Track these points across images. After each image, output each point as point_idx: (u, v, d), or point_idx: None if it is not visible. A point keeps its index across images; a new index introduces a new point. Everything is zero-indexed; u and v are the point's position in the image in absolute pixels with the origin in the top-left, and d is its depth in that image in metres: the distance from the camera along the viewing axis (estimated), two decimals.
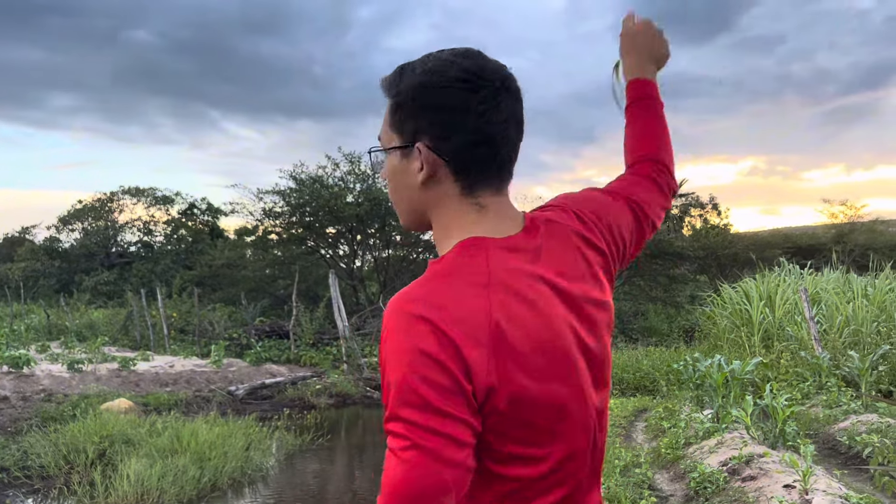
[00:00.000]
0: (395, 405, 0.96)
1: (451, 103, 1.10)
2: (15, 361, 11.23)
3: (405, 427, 0.95)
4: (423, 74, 1.11)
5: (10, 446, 7.74)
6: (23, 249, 32.89)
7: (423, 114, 1.11)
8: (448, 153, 1.11)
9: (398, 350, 0.98)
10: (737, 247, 24.85)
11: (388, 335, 1.00)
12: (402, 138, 1.13)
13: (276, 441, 8.79)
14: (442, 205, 1.14)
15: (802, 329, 10.50)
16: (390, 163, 1.17)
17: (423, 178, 1.12)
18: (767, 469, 4.72)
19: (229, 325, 18.63)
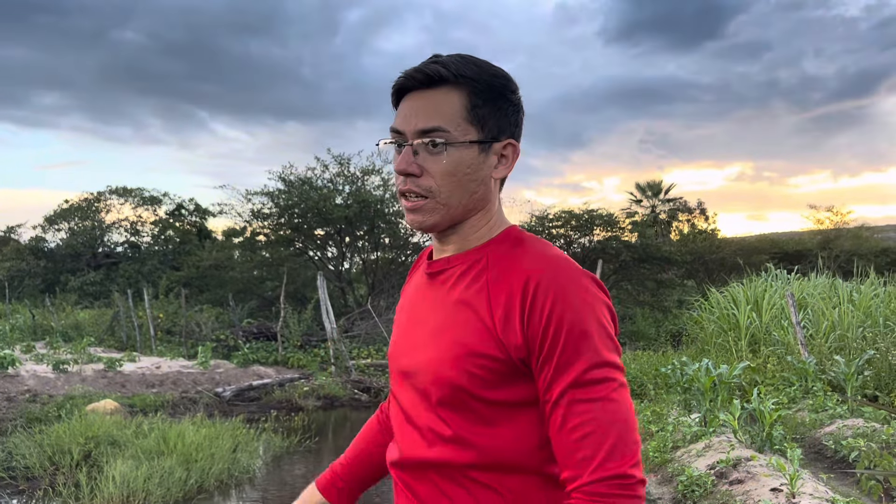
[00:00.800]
0: (597, 351, 1.06)
1: (522, 111, 1.23)
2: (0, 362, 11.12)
3: (612, 370, 1.07)
4: (495, 75, 1.18)
5: None
6: (8, 249, 32.60)
7: (508, 113, 1.19)
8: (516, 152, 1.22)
9: (589, 304, 1.08)
10: (724, 252, 25.01)
11: (567, 297, 1.07)
12: (482, 133, 1.17)
13: (264, 443, 8.74)
14: (493, 199, 1.22)
15: (789, 334, 10.58)
16: (462, 155, 1.16)
17: (506, 173, 1.21)
18: (755, 472, 4.75)
19: (216, 326, 18.53)
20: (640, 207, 34.90)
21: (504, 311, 1.11)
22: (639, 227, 23.98)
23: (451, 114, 1.15)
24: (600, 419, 1.04)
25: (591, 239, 20.72)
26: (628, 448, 1.04)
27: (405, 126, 1.18)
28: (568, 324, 1.06)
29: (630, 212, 31.66)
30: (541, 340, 1.07)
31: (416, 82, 1.17)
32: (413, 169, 1.16)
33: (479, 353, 1.12)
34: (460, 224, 1.21)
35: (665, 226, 33.60)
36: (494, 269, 1.16)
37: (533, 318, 1.08)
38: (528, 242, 1.18)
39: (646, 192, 35.63)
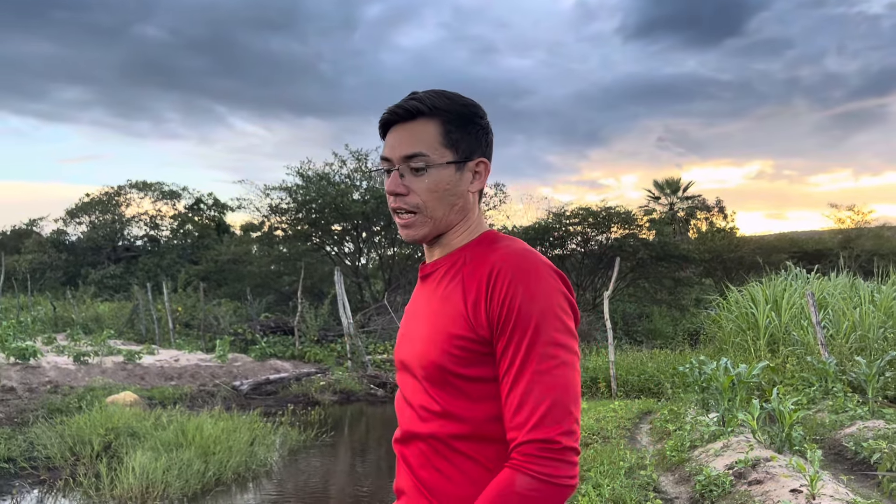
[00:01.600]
0: (545, 331, 1.22)
1: (487, 129, 1.43)
2: (22, 353, 11.27)
3: (558, 349, 1.22)
4: (464, 105, 1.40)
5: (17, 437, 7.77)
6: (30, 242, 32.99)
7: (478, 136, 1.40)
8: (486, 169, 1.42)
9: (542, 290, 1.25)
10: (743, 250, 24.77)
11: (522, 279, 1.25)
12: (457, 154, 1.38)
13: (280, 437, 8.80)
14: (471, 209, 1.43)
15: (809, 334, 10.48)
16: (441, 174, 1.37)
17: (480, 187, 1.42)
18: (774, 473, 4.71)
19: (234, 320, 18.67)
20: (658, 205, 34.67)
21: (474, 297, 1.29)
22: (656, 225, 23.79)
23: (429, 140, 1.36)
24: (538, 389, 1.20)
25: (609, 236, 20.58)
26: (562, 417, 1.19)
27: (392, 154, 1.39)
28: (520, 305, 1.23)
29: (648, 209, 31.45)
30: (497, 318, 1.25)
31: (398, 117, 1.39)
32: (401, 189, 1.38)
33: (455, 336, 1.29)
34: (445, 234, 1.41)
35: (683, 224, 33.35)
36: (470, 265, 1.35)
37: (493, 300, 1.26)
38: (500, 241, 1.37)
39: (664, 190, 35.38)
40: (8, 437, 7.75)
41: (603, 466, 5.81)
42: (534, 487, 1.17)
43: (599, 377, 11.53)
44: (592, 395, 11.14)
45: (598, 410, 8.86)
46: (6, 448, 7.34)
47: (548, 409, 1.19)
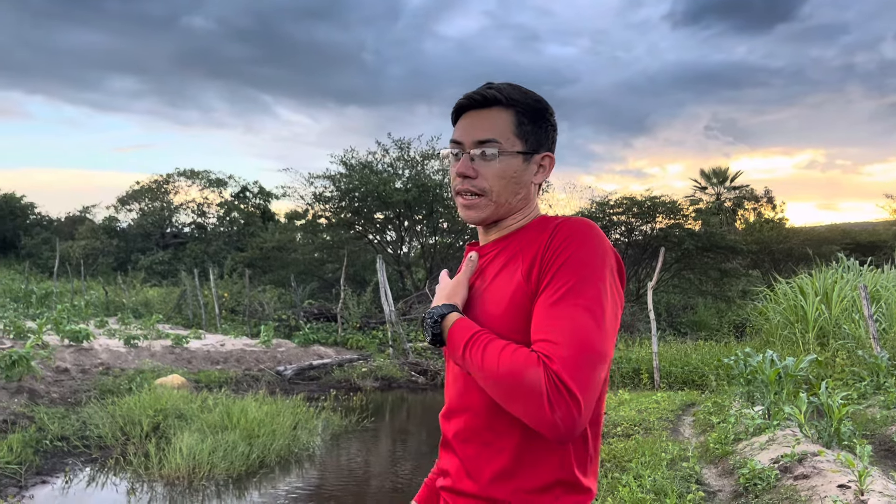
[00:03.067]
0: (586, 290, 1.25)
1: (554, 125, 1.49)
2: (75, 335, 11.63)
3: (597, 306, 1.24)
4: (537, 100, 1.45)
5: (70, 416, 8.03)
6: (83, 228, 33.96)
7: (547, 130, 1.46)
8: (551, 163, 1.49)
9: (593, 255, 1.28)
10: (792, 242, 24.17)
11: (580, 240, 1.30)
12: (525, 145, 1.43)
13: (323, 421, 8.92)
14: (533, 199, 1.50)
15: (860, 327, 10.19)
16: (510, 162, 1.43)
17: (542, 178, 1.48)
18: (821, 468, 4.60)
19: (278, 306, 18.95)
20: (704, 195, 34.05)
21: (529, 263, 1.34)
22: (703, 215, 23.37)
23: (502, 129, 1.42)
24: (569, 332, 1.20)
25: (653, 226, 20.29)
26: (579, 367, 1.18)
27: (464, 138, 1.44)
28: (571, 255, 1.28)
29: (694, 199, 30.92)
30: (549, 264, 1.30)
31: (475, 102, 1.45)
32: (470, 172, 1.43)
33: (514, 305, 1.33)
34: (503, 219, 1.48)
35: (730, 214, 32.71)
36: (526, 239, 1.41)
37: (549, 250, 1.31)
38: (557, 217, 1.43)
39: (711, 180, 34.73)
40: (62, 416, 8.02)
41: (644, 457, 5.76)
42: (537, 386, 1.17)
43: (642, 368, 11.40)
44: (635, 386, 11.03)
45: (641, 402, 8.77)
46: (60, 427, 7.59)
47: (571, 356, 1.18)
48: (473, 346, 1.29)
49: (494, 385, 1.24)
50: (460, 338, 1.33)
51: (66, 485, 6.28)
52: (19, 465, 6.37)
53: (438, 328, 1.39)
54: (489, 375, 1.25)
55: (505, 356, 1.23)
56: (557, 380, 1.16)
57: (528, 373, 1.18)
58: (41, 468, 6.56)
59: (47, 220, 37.95)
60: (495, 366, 1.23)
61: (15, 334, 11.87)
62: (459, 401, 1.43)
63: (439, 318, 1.39)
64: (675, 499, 4.52)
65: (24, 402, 8.40)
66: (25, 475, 6.26)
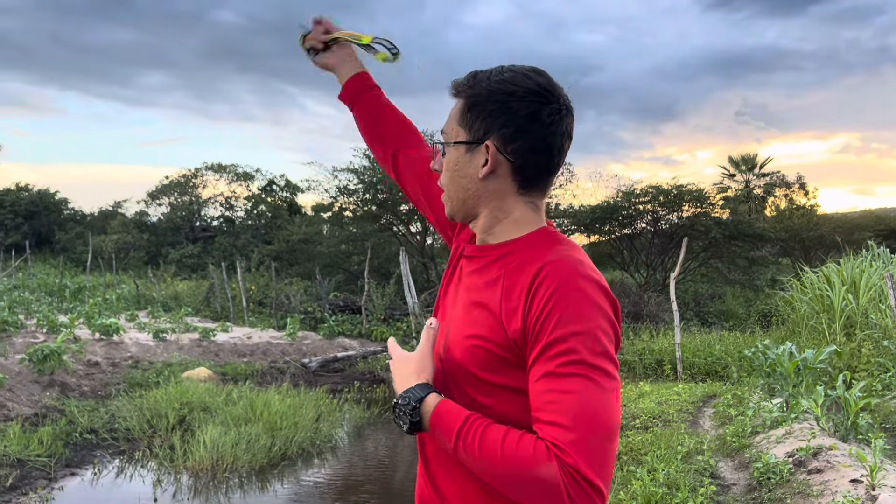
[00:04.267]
0: (578, 352, 1.10)
1: (523, 111, 1.24)
2: (106, 329, 11.90)
3: (593, 371, 1.10)
4: (499, 82, 1.26)
5: (100, 409, 8.25)
6: (115, 222, 34.58)
7: (496, 117, 1.25)
8: (512, 154, 1.26)
9: (583, 306, 1.14)
10: (823, 229, 23.76)
11: (568, 293, 1.14)
12: (469, 135, 1.28)
13: (346, 413, 9.05)
14: (498, 199, 1.29)
15: (887, 317, 10.03)
16: (452, 155, 1.31)
17: (486, 172, 1.27)
18: (835, 462, 4.58)
19: (304, 298, 19.16)
20: (733, 182, 33.61)
21: (512, 303, 1.20)
22: (730, 203, 23.08)
23: (452, 119, 1.33)
24: (569, 412, 1.08)
25: (680, 215, 20.11)
26: (594, 452, 1.07)
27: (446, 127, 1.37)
28: (559, 319, 1.12)
29: (722, 187, 30.53)
30: (533, 328, 1.15)
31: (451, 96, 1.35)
32: (436, 166, 1.39)
33: (483, 338, 1.22)
34: (474, 219, 1.35)
35: (759, 201, 32.25)
36: (515, 264, 1.25)
37: (532, 308, 1.16)
38: (554, 245, 1.25)
39: (739, 167, 34.26)
40: (92, 409, 8.24)
41: (660, 450, 5.77)
42: (555, 483, 1.05)
43: (665, 359, 11.35)
44: (657, 377, 11.00)
45: (662, 393, 8.75)
46: (90, 420, 7.81)
47: (583, 439, 1.06)
48: (467, 434, 1.15)
49: (499, 480, 1.12)
50: (449, 426, 1.17)
51: (94, 477, 6.48)
52: (49, 458, 6.57)
53: (417, 415, 1.21)
54: (491, 470, 1.13)
55: (508, 448, 1.10)
56: (576, 473, 1.05)
57: (540, 469, 1.06)
58: (70, 460, 6.77)
59: (80, 214, 38.69)
60: (498, 459, 1.11)
61: (48, 328, 12.18)
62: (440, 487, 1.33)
63: (417, 404, 1.21)
64: (686, 493, 4.53)
65: (56, 395, 8.65)
66: (55, 467, 6.46)
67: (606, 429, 1.08)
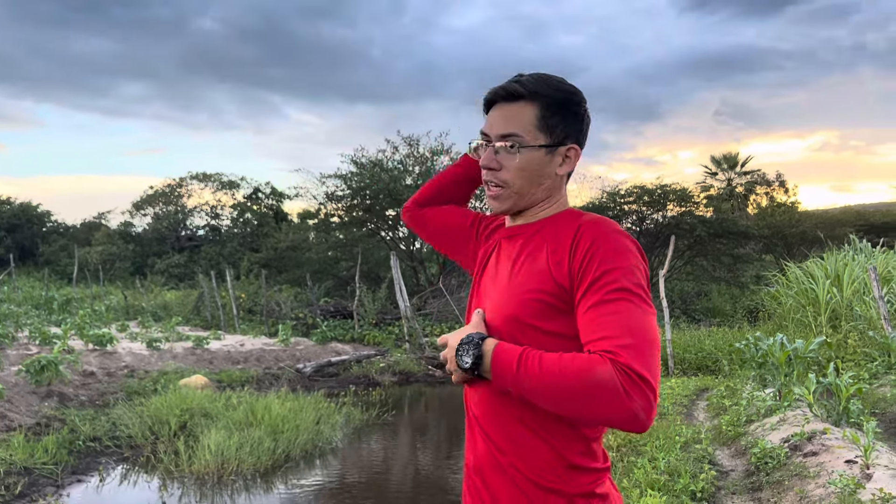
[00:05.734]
0: (621, 281, 1.28)
1: (586, 119, 1.51)
2: (99, 339, 11.90)
3: (634, 297, 1.27)
4: (566, 91, 1.47)
5: (100, 418, 8.28)
6: (99, 234, 34.39)
7: (573, 123, 1.48)
8: (578, 154, 1.50)
9: (620, 249, 1.33)
10: (805, 225, 24.16)
11: (606, 240, 1.33)
12: (550, 138, 1.46)
13: (344, 416, 9.13)
14: (559, 189, 1.52)
15: (871, 308, 10.28)
16: (531, 156, 1.46)
17: (566, 171, 1.50)
18: (829, 445, 4.75)
19: (295, 305, 19.19)
20: (715, 181, 34.02)
21: (558, 255, 1.38)
22: (714, 202, 23.41)
23: (525, 123, 1.45)
24: (619, 328, 1.23)
25: (665, 214, 20.39)
26: (645, 357, 1.20)
27: (490, 131, 1.49)
28: (601, 259, 1.31)
29: (705, 186, 30.91)
30: (579, 269, 1.33)
31: (499, 97, 1.49)
32: (493, 164, 1.48)
33: (533, 289, 1.38)
34: (528, 209, 1.52)
35: (742, 199, 32.67)
36: (554, 231, 1.45)
37: (576, 254, 1.35)
38: (586, 214, 1.46)
39: (721, 165, 34.68)
40: (92, 417, 8.27)
41: (659, 441, 5.92)
42: (611, 380, 1.17)
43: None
44: None
45: None
46: (91, 428, 7.84)
47: (632, 344, 1.20)
48: (527, 360, 1.27)
49: (561, 394, 1.22)
50: (509, 357, 1.29)
51: (101, 483, 6.52)
52: (55, 466, 6.61)
53: (480, 351, 1.34)
54: (553, 386, 1.22)
55: (566, 363, 1.22)
56: (628, 370, 1.17)
57: (597, 371, 1.18)
58: (76, 468, 6.81)
59: (64, 227, 38.42)
60: (558, 374, 1.22)
61: (41, 340, 12.16)
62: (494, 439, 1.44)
63: (480, 340, 1.35)
64: (688, 479, 4.68)
65: (55, 405, 8.66)
66: (62, 475, 6.50)
67: (651, 339, 1.23)
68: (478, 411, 1.48)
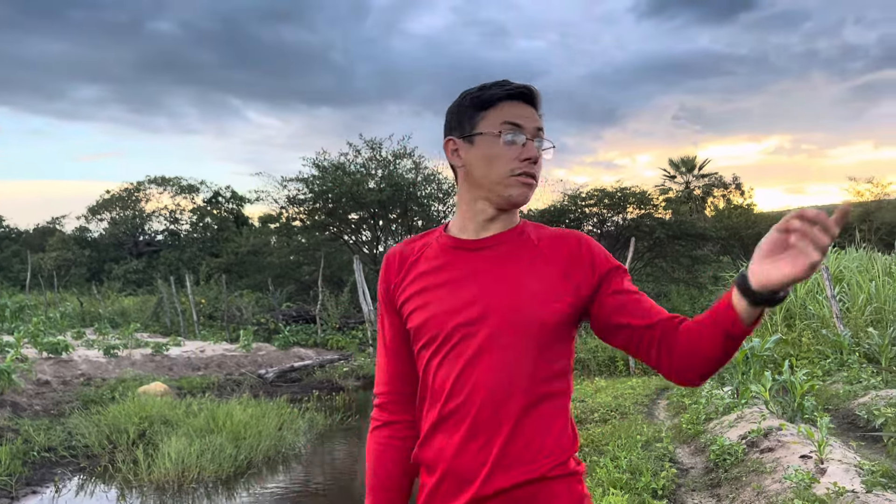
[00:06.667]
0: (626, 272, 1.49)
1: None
2: (54, 347, 11.62)
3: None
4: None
5: (56, 427, 8.08)
6: (54, 239, 33.58)
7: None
8: None
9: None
10: (760, 227, 24.69)
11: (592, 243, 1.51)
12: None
13: (307, 421, 9.06)
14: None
15: (824, 307, 10.56)
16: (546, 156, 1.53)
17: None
18: (785, 441, 4.87)
19: (257, 310, 19.00)
20: (673, 184, 34.60)
21: (567, 266, 1.47)
22: (673, 204, 23.83)
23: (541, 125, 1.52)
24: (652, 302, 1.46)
25: (625, 217, 20.66)
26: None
27: (527, 123, 1.49)
28: (606, 255, 1.50)
29: (664, 188, 31.42)
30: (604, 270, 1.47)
31: (524, 96, 1.50)
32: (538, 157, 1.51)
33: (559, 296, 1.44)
34: (511, 211, 1.54)
35: (699, 202, 33.28)
36: (540, 240, 1.52)
37: (596, 260, 1.48)
38: (541, 225, 1.58)
39: (679, 169, 35.29)
40: (47, 427, 8.06)
41: (620, 440, 6.00)
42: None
43: (618, 356, 11.69)
44: (611, 373, 11.32)
45: (617, 388, 9.04)
46: (46, 438, 7.64)
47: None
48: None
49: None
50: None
51: (56, 494, 6.37)
52: (9, 477, 6.43)
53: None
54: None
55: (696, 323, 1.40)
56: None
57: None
58: (31, 479, 6.63)
59: (16, 232, 37.41)
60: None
61: None
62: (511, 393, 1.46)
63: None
64: (649, 477, 4.75)
65: (8, 415, 8.43)
66: (16, 486, 6.33)
67: None
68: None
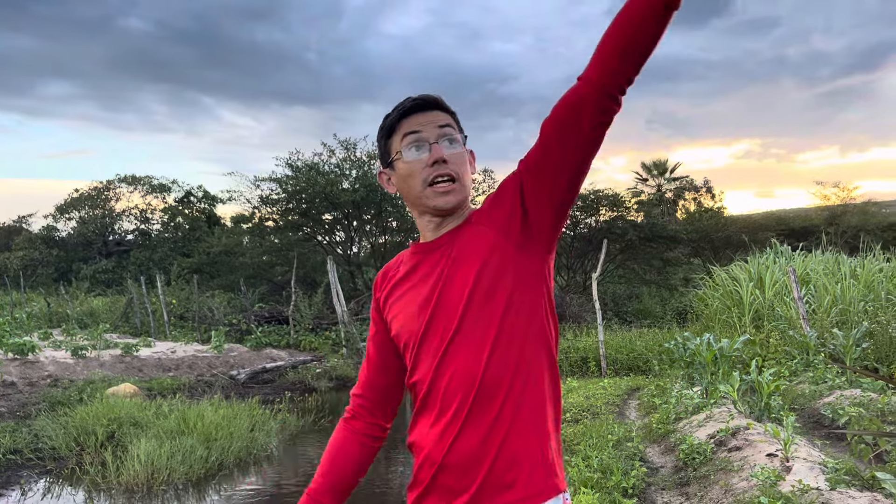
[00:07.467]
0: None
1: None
2: (20, 348, 11.41)
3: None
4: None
5: (21, 430, 7.94)
6: (20, 239, 32.96)
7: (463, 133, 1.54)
8: None
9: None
10: (730, 230, 25.07)
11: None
12: (462, 137, 1.52)
13: (279, 423, 9.00)
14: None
15: (791, 309, 10.75)
16: (463, 153, 1.50)
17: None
18: (752, 440, 4.96)
19: (229, 311, 18.82)
20: (646, 187, 34.96)
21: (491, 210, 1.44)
22: (645, 207, 24.07)
23: (450, 123, 1.50)
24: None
25: (598, 219, 20.85)
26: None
27: (425, 127, 1.47)
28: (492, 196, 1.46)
29: (636, 191, 31.74)
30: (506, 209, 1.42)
31: (417, 106, 1.49)
32: (447, 156, 1.46)
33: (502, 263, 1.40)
34: (460, 209, 1.50)
35: (671, 205, 33.64)
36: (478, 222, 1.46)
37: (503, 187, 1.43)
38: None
39: (651, 172, 35.64)
40: (12, 429, 7.92)
41: (592, 440, 6.06)
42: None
43: (590, 357, 11.78)
44: (583, 373, 11.40)
45: (588, 388, 9.11)
46: (11, 440, 7.51)
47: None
48: None
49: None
50: None
51: (22, 497, 6.26)
52: None
53: None
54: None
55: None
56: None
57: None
58: None
59: None
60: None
61: None
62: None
63: None
64: (619, 476, 4.81)
65: None
66: None
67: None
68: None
